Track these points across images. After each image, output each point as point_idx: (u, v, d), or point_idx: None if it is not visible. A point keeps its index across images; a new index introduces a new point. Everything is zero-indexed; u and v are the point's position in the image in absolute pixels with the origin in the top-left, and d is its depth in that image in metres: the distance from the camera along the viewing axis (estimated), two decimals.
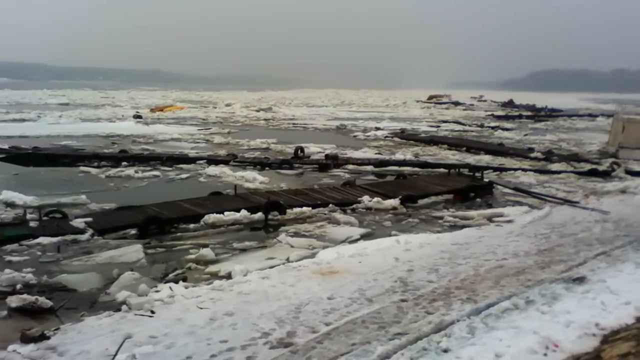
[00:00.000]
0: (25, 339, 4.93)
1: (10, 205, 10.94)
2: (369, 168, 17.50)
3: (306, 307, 5.78)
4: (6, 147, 19.28)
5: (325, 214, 10.77)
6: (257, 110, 46.52)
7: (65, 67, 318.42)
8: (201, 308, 5.75)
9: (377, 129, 31.21)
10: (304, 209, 10.83)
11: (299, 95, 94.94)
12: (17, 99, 57.75)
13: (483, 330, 5.24)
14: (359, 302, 5.98)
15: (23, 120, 32.24)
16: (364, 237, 9.29)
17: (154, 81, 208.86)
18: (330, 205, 11.24)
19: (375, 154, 20.94)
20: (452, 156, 21.01)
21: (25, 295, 5.96)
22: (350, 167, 17.47)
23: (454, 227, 10.18)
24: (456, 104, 70.82)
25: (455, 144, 24.41)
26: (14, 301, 5.86)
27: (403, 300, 6.04)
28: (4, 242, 8.25)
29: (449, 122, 39.50)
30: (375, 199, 11.66)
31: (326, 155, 18.70)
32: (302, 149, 19.22)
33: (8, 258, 7.71)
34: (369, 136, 27.97)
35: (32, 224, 9.16)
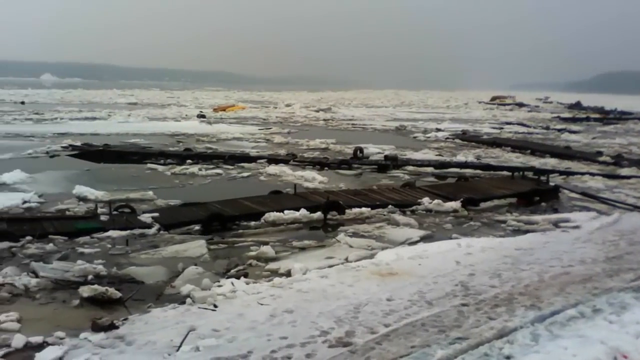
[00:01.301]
0: (96, 328, 5.16)
1: (83, 199, 11.46)
2: (429, 170, 17.27)
3: (365, 308, 5.78)
4: (79, 144, 20.33)
5: (384, 215, 10.71)
6: (317, 111, 46.79)
7: (133, 68, 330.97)
8: (262, 304, 5.85)
9: (438, 130, 30.77)
10: (363, 209, 10.81)
11: (358, 96, 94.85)
12: (89, 99, 60.56)
13: (547, 338, 5.09)
14: (419, 304, 5.93)
15: (94, 118, 33.70)
16: (424, 239, 9.18)
17: (217, 82, 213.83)
18: (390, 206, 11.18)
19: (436, 155, 20.63)
20: (516, 159, 20.42)
21: (96, 286, 6.22)
22: (410, 168, 17.27)
23: (517, 231, 9.91)
24: (520, 105, 68.85)
25: (519, 146, 23.70)
26: (85, 291, 6.12)
27: (464, 305, 5.94)
28: (76, 234, 8.67)
29: (513, 123, 38.40)
30: (436, 201, 11.50)
31: (385, 156, 18.60)
32: (361, 150, 19.19)
33: (80, 250, 8.08)
34: (429, 137, 27.61)
35: (102, 217, 9.58)
